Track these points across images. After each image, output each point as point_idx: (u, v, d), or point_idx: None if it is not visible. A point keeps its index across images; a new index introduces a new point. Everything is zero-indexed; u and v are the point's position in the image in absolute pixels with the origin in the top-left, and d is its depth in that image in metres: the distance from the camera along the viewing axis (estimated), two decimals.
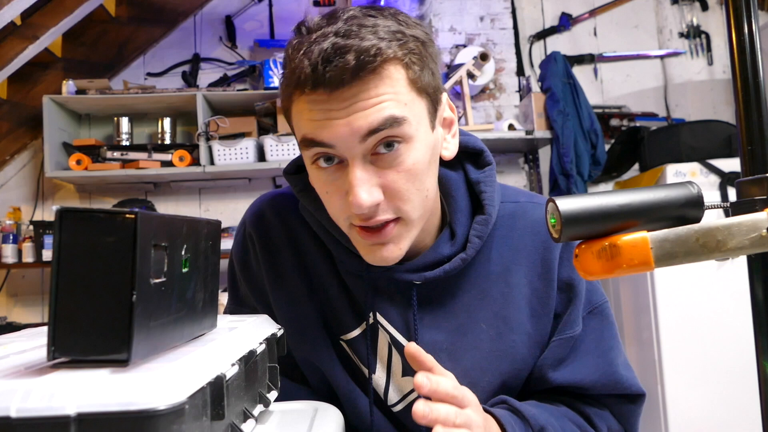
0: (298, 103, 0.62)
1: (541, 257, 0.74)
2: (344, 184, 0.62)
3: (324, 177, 0.64)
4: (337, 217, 0.67)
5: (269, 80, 2.63)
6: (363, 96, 0.59)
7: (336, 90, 0.58)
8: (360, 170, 0.60)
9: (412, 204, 0.64)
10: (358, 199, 0.60)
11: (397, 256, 0.66)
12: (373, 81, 0.59)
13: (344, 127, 0.59)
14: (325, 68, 0.57)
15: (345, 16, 0.61)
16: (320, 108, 0.59)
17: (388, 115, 0.59)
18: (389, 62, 0.59)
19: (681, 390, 2.24)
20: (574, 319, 0.74)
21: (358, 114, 0.59)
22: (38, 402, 0.33)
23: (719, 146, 2.41)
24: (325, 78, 0.57)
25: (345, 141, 0.59)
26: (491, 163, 0.75)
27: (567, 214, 0.41)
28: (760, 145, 0.43)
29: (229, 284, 0.85)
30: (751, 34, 0.43)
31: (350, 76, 0.57)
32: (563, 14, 3.08)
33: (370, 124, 0.59)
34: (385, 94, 0.59)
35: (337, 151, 0.61)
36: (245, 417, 0.49)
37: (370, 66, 0.58)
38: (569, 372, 0.74)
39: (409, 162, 0.62)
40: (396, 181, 0.62)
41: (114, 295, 0.36)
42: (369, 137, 0.59)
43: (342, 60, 0.56)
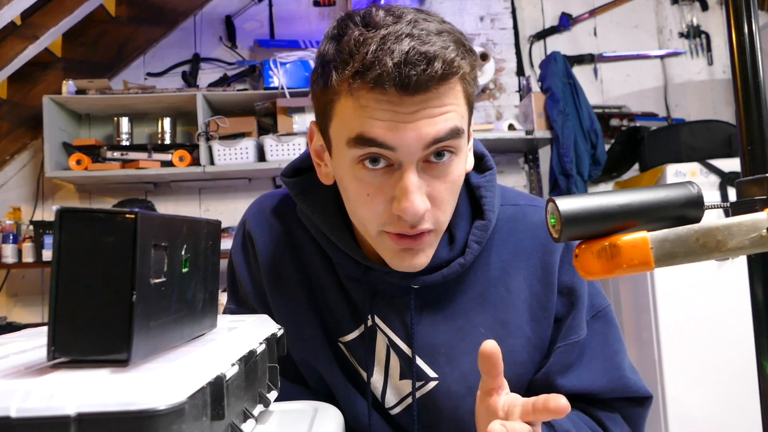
0: (360, 98, 0.59)
1: (540, 261, 0.74)
2: (390, 189, 0.61)
3: (368, 178, 0.62)
4: (369, 220, 0.64)
5: (269, 80, 2.63)
6: (434, 104, 0.58)
7: (412, 94, 0.57)
8: (415, 176, 0.60)
9: (446, 215, 0.65)
10: (414, 206, 0.59)
11: (424, 263, 0.66)
12: (446, 92, 0.59)
13: (412, 132, 0.58)
14: (409, 70, 0.56)
15: (408, 17, 0.59)
16: (389, 109, 0.58)
17: (453, 126, 0.60)
18: (460, 77, 0.60)
19: (681, 390, 2.24)
20: (578, 324, 0.73)
21: (426, 121, 0.58)
22: (38, 402, 0.33)
23: (719, 146, 2.41)
24: (410, 80, 0.56)
25: (409, 146, 0.59)
26: (492, 168, 0.75)
27: (567, 214, 0.41)
28: (760, 145, 0.43)
29: (229, 284, 0.85)
30: (751, 34, 0.43)
31: (435, 83, 0.57)
32: (563, 14, 3.08)
33: (437, 132, 0.59)
34: (452, 104, 0.60)
35: (396, 154, 0.59)
36: (245, 417, 0.49)
37: (452, 78, 0.58)
38: (577, 378, 0.73)
39: (455, 174, 0.63)
40: (441, 191, 0.63)
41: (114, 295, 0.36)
42: (433, 145, 0.59)
43: (431, 67, 0.56)
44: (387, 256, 0.67)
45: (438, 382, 0.73)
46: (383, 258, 0.68)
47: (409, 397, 0.75)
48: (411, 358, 0.73)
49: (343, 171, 0.64)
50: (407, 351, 0.74)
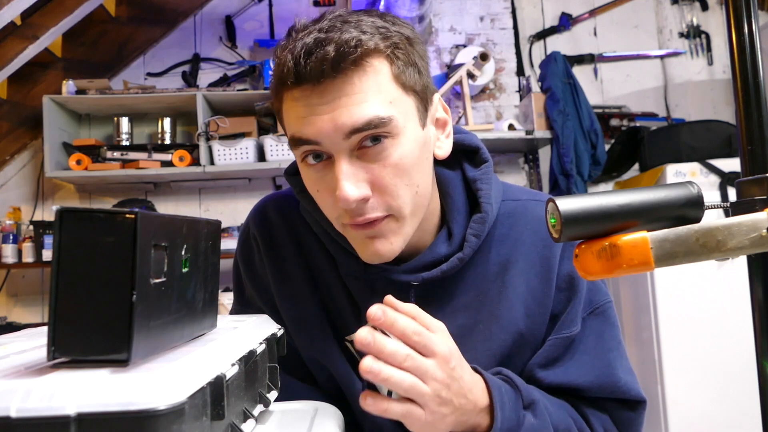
0: (286, 101, 0.62)
1: (539, 255, 0.73)
2: (332, 181, 0.62)
3: (313, 174, 0.64)
4: (329, 215, 0.67)
5: (269, 80, 2.63)
6: (346, 90, 0.59)
7: (318, 83, 0.58)
8: (346, 164, 0.60)
9: (402, 200, 0.63)
10: (344, 193, 0.59)
11: (389, 250, 0.65)
12: (356, 74, 0.59)
13: (328, 123, 0.59)
14: (306, 61, 0.57)
15: (330, 16, 0.62)
16: (304, 103, 0.60)
17: (373, 115, 0.59)
18: (371, 55, 0.59)
19: (681, 390, 2.24)
20: (572, 319, 0.72)
21: (342, 110, 0.59)
22: (38, 402, 0.33)
23: (719, 146, 2.41)
24: (306, 71, 0.58)
25: (329, 137, 0.60)
26: (488, 161, 0.75)
27: (567, 214, 0.41)
28: (760, 145, 0.43)
29: (235, 285, 0.85)
30: (751, 34, 0.43)
31: (330, 68, 0.57)
32: (563, 14, 3.08)
33: (354, 122, 0.59)
34: (369, 90, 0.59)
35: (323, 147, 0.61)
36: (245, 417, 0.49)
37: (350, 57, 0.58)
38: (562, 372, 0.71)
39: (396, 156, 0.62)
40: (383, 176, 0.62)
41: (114, 295, 0.36)
42: (353, 135, 0.59)
43: (322, 52, 0.57)
44: (357, 249, 0.67)
45: None
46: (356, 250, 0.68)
47: None
48: None
49: (302, 174, 0.67)
50: None
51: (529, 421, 0.65)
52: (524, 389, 0.66)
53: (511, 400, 0.64)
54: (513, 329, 0.72)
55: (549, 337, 0.73)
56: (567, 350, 0.72)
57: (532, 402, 0.66)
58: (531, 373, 0.72)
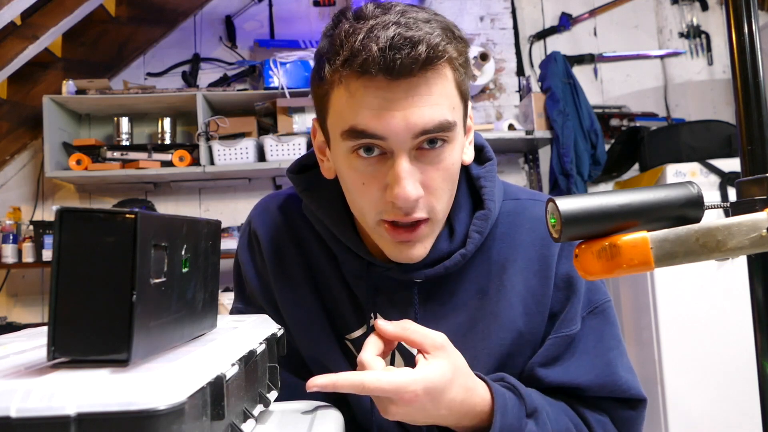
0: (350, 85, 0.60)
1: (538, 254, 0.73)
2: (384, 177, 0.62)
3: (363, 167, 0.63)
4: (367, 210, 0.66)
5: (269, 80, 2.63)
6: (422, 90, 0.59)
7: (400, 78, 0.58)
8: (407, 163, 0.61)
9: (442, 204, 0.65)
10: (405, 192, 0.60)
11: (422, 254, 0.67)
12: (434, 78, 0.60)
13: (401, 121, 0.59)
14: (394, 54, 0.56)
15: (397, 8, 0.61)
16: (378, 96, 0.59)
17: (444, 119, 0.60)
18: (448, 62, 0.61)
19: (681, 390, 2.24)
20: (572, 318, 0.72)
21: (415, 109, 0.59)
22: (38, 402, 0.33)
23: (719, 146, 2.40)
24: (395, 64, 0.57)
25: (398, 135, 0.59)
26: (492, 159, 0.75)
27: (567, 214, 0.41)
28: (760, 145, 0.43)
29: (236, 284, 0.85)
30: (751, 34, 0.43)
31: (419, 67, 0.58)
32: (563, 14, 3.08)
33: (426, 124, 0.59)
34: (441, 94, 0.60)
35: (387, 143, 0.61)
36: (245, 417, 0.49)
37: (437, 61, 0.58)
38: (563, 371, 0.72)
39: (449, 161, 0.63)
40: (435, 179, 0.63)
41: (114, 295, 0.36)
42: (422, 135, 0.60)
43: (414, 50, 0.57)
44: (385, 248, 0.68)
45: None
46: (382, 249, 0.68)
47: None
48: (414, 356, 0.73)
49: (340, 162, 0.66)
50: (411, 349, 0.74)
51: (531, 430, 0.65)
52: (527, 397, 0.67)
53: (514, 407, 0.65)
54: (512, 327, 0.72)
55: (549, 336, 0.73)
56: (567, 349, 0.73)
57: (534, 410, 0.66)
58: (531, 371, 0.72)
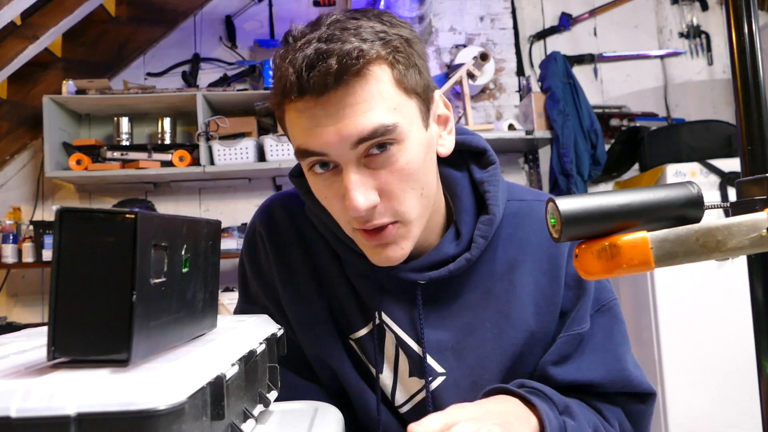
0: (289, 112, 0.63)
1: (547, 254, 0.74)
2: (341, 188, 0.62)
3: (321, 183, 0.65)
4: (339, 220, 0.68)
5: (269, 80, 2.63)
6: (350, 100, 0.59)
7: (322, 95, 0.58)
8: (354, 174, 0.61)
9: (407, 204, 0.64)
10: (354, 203, 0.60)
11: (400, 255, 0.66)
12: (359, 84, 0.59)
13: (334, 135, 0.59)
14: (309, 74, 0.57)
15: (328, 21, 0.61)
16: (308, 115, 0.60)
17: (378, 124, 0.59)
18: (373, 63, 0.59)
19: (681, 390, 2.24)
20: (582, 316, 0.73)
21: (347, 121, 0.59)
22: (38, 402, 0.33)
23: (719, 146, 2.41)
24: (309, 84, 0.57)
25: (335, 148, 0.60)
26: (494, 162, 0.75)
27: (567, 214, 0.41)
28: (760, 145, 0.43)
29: (240, 283, 0.86)
30: (751, 34, 0.43)
31: (333, 81, 0.57)
32: (563, 14, 3.08)
33: (360, 132, 0.59)
34: (372, 98, 0.59)
35: (330, 157, 0.61)
36: (245, 417, 0.49)
37: (353, 68, 0.57)
38: (574, 369, 0.72)
39: (402, 162, 0.62)
40: (390, 182, 0.62)
41: (114, 295, 0.36)
42: (360, 144, 0.60)
43: (324, 65, 0.57)
44: (366, 253, 0.68)
45: (445, 377, 0.74)
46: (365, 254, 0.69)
47: (417, 395, 0.76)
48: (420, 356, 0.74)
49: (309, 182, 0.68)
50: (416, 348, 0.74)
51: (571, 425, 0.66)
52: (555, 397, 0.68)
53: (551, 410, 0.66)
54: (524, 327, 0.73)
55: (560, 335, 0.73)
56: (578, 347, 0.73)
57: (566, 407, 0.68)
58: (543, 370, 0.73)
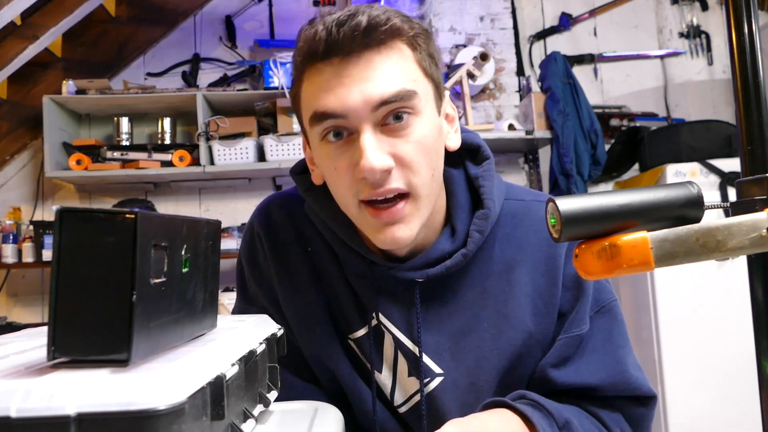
0: (309, 77, 0.63)
1: (545, 255, 0.73)
2: (354, 156, 0.62)
3: (332, 152, 0.64)
4: (345, 195, 0.65)
5: (269, 80, 2.63)
6: (376, 64, 0.60)
7: (348, 56, 0.60)
8: (371, 136, 0.61)
9: (421, 178, 0.64)
10: (369, 162, 0.59)
11: (407, 236, 0.65)
12: (385, 50, 0.61)
13: (357, 95, 0.60)
14: (338, 30, 0.59)
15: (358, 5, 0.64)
16: (331, 75, 0.61)
17: (400, 87, 0.61)
18: (398, 37, 0.62)
19: (681, 390, 2.24)
20: (581, 318, 0.72)
21: (370, 82, 0.60)
22: (38, 402, 0.33)
23: (719, 146, 2.40)
24: (339, 39, 0.59)
25: (357, 109, 0.60)
26: (489, 158, 0.76)
27: (567, 214, 0.41)
28: (760, 145, 0.43)
29: (238, 284, 0.85)
30: (751, 34, 0.43)
31: (361, 37, 0.59)
32: (563, 14, 3.08)
33: (382, 94, 0.60)
34: (396, 66, 0.61)
35: (348, 121, 0.61)
36: (245, 417, 0.49)
37: (381, 29, 0.60)
38: (574, 371, 0.71)
39: (419, 133, 0.63)
40: (407, 151, 0.62)
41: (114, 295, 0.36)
42: (381, 107, 0.60)
43: (354, 22, 0.59)
44: (371, 234, 0.67)
45: (443, 377, 0.74)
46: (369, 238, 0.68)
47: (416, 395, 0.75)
48: (417, 356, 0.74)
49: (317, 154, 0.67)
50: (413, 349, 0.74)
51: None
52: (555, 412, 0.67)
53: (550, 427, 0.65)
54: (522, 328, 0.72)
55: (559, 337, 0.72)
56: (577, 349, 0.72)
57: (566, 422, 0.67)
58: (543, 373, 0.72)
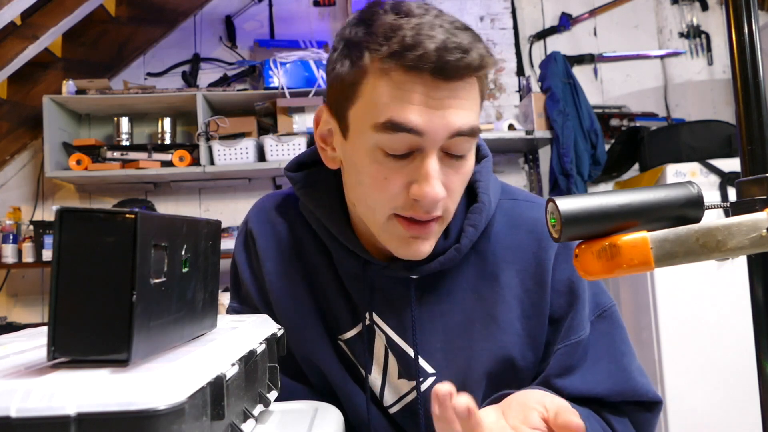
0: (396, 80, 0.59)
1: (534, 257, 0.73)
2: (409, 173, 0.62)
3: (389, 162, 0.62)
4: (380, 205, 0.65)
5: (269, 80, 2.63)
6: (462, 95, 0.61)
7: (447, 80, 0.59)
8: (437, 163, 0.62)
9: (454, 206, 0.67)
10: (434, 191, 0.61)
11: (428, 251, 0.67)
12: (470, 85, 0.62)
13: (441, 119, 0.60)
14: (448, 56, 0.58)
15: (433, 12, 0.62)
16: (422, 93, 0.59)
17: (474, 124, 0.62)
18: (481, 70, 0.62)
19: (681, 390, 2.24)
20: (579, 324, 0.71)
21: (453, 110, 0.60)
22: (38, 402, 0.33)
23: (719, 146, 2.40)
24: (447, 65, 0.58)
25: (437, 132, 0.60)
26: (487, 156, 0.77)
27: (567, 214, 0.41)
28: (760, 145, 0.43)
29: (232, 283, 0.86)
30: (751, 34, 0.43)
31: (470, 73, 0.60)
32: (563, 14, 3.08)
33: (462, 125, 0.61)
34: (474, 101, 0.63)
35: (422, 140, 0.60)
36: (245, 417, 0.49)
37: (483, 71, 0.62)
38: (580, 380, 0.70)
39: (468, 167, 0.66)
40: (455, 182, 0.64)
41: (114, 295, 0.36)
42: (455, 137, 0.61)
43: (468, 56, 0.59)
44: (393, 244, 0.67)
45: (436, 377, 0.73)
46: (388, 246, 0.68)
47: (407, 395, 0.75)
48: (412, 357, 0.73)
49: (360, 154, 0.64)
50: (407, 350, 0.74)
51: None
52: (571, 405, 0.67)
53: None
54: (511, 330, 0.72)
55: (558, 345, 0.71)
56: (580, 357, 0.71)
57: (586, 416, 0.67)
58: (548, 384, 0.71)
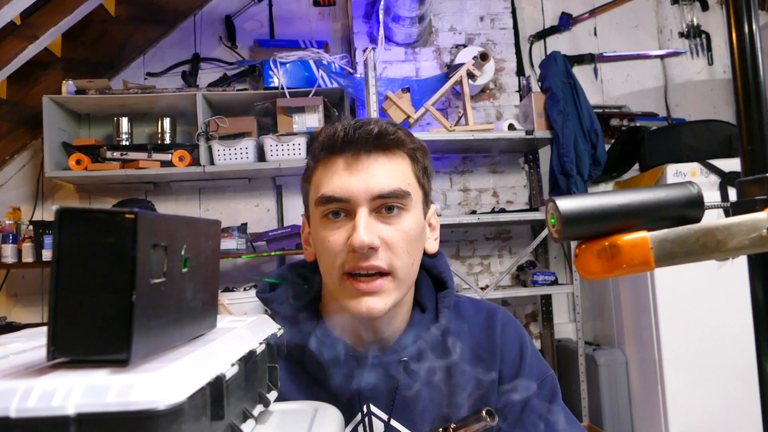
0: (326, 164, 0.74)
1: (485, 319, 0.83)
2: (347, 232, 0.72)
3: (330, 226, 0.74)
4: (332, 264, 0.73)
5: (269, 80, 2.63)
6: (380, 163, 0.73)
7: (359, 152, 0.73)
8: (365, 217, 0.71)
9: (402, 261, 0.73)
10: (360, 237, 0.69)
11: (381, 308, 0.73)
12: (389, 156, 0.74)
13: (361, 184, 0.72)
14: (354, 132, 0.72)
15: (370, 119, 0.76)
16: (344, 167, 0.73)
17: (397, 187, 0.73)
18: (401, 147, 0.75)
19: (681, 390, 2.24)
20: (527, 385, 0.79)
21: (374, 178, 0.72)
22: (38, 402, 0.33)
23: (719, 146, 2.41)
24: (354, 138, 0.72)
25: (357, 196, 0.72)
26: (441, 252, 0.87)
27: (567, 214, 0.41)
28: (760, 145, 0.43)
29: None
30: (751, 34, 0.43)
31: (373, 140, 0.72)
32: (563, 14, 3.08)
33: (382, 189, 0.72)
34: (397, 170, 0.74)
35: (349, 205, 0.72)
36: (245, 417, 0.49)
37: (389, 137, 0.73)
38: None
39: (405, 225, 0.74)
40: (393, 236, 0.73)
41: (113, 295, 0.36)
42: (378, 199, 0.72)
43: (369, 127, 0.73)
44: (349, 303, 0.73)
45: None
46: (346, 308, 0.74)
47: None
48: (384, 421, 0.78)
49: (316, 230, 0.76)
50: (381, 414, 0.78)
51: None
52: None
53: None
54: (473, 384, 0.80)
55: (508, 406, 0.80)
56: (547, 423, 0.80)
57: None
58: None
